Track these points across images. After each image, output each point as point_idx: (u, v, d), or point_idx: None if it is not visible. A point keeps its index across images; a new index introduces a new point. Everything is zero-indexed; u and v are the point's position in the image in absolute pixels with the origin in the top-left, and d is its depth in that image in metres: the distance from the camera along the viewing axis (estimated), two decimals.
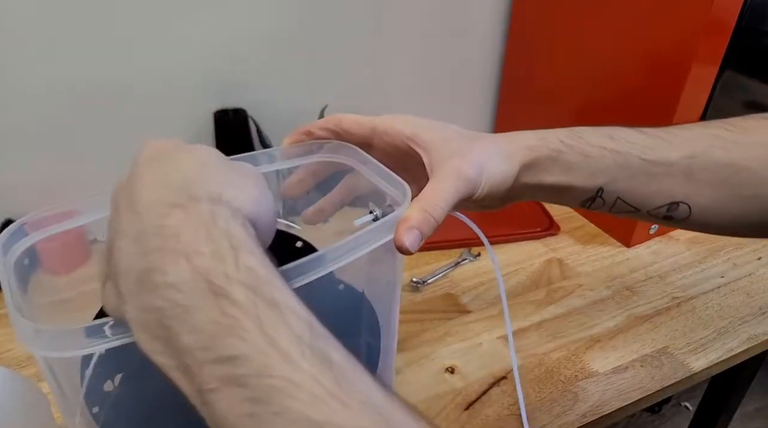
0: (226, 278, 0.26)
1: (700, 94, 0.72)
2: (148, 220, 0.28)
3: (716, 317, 0.70)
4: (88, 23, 0.73)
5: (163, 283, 0.26)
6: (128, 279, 0.27)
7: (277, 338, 0.25)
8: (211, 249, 0.26)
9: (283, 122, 0.88)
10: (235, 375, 0.24)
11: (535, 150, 0.44)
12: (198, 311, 0.25)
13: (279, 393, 0.24)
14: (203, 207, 0.28)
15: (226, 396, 0.24)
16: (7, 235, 0.36)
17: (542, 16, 0.91)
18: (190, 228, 0.27)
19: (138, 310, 0.27)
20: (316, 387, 0.24)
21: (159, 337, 0.26)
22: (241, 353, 0.24)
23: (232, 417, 0.24)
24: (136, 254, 0.27)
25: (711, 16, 0.66)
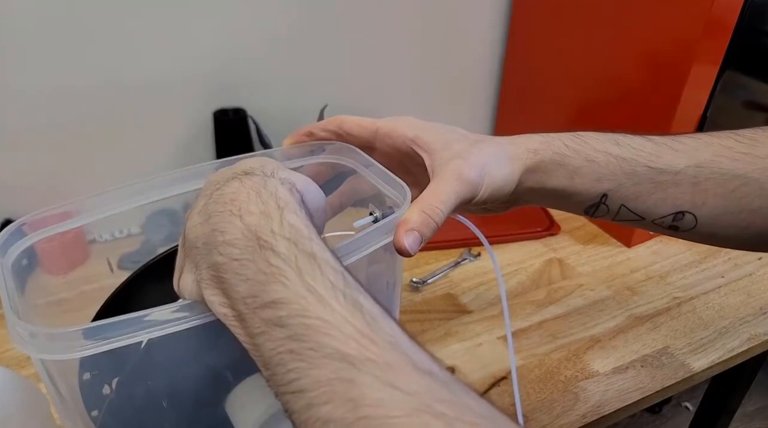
0: (271, 233, 0.29)
1: (700, 94, 0.72)
2: (209, 194, 0.33)
3: (717, 317, 0.70)
4: (87, 24, 0.73)
5: (222, 242, 0.30)
6: (198, 246, 0.32)
7: (314, 284, 0.28)
8: (260, 209, 0.31)
9: (282, 122, 0.88)
10: (277, 316, 0.27)
11: (539, 153, 0.43)
12: (249, 263, 0.29)
13: (314, 331, 0.26)
14: (256, 177, 0.33)
15: (271, 337, 0.27)
16: (5, 236, 0.36)
17: (542, 17, 0.91)
18: (243, 193, 0.32)
19: (206, 269, 0.31)
20: (348, 326, 0.26)
21: (220, 290, 0.30)
22: (283, 297, 0.27)
23: (276, 354, 0.27)
24: (202, 223, 0.32)
25: (711, 16, 0.66)
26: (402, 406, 0.24)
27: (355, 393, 0.24)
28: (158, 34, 0.77)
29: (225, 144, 0.85)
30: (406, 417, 0.23)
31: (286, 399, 0.27)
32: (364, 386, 0.24)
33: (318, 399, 0.25)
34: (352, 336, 0.26)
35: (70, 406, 0.36)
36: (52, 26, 0.71)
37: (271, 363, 0.27)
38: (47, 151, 0.78)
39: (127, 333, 0.31)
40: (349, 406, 0.24)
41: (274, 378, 0.27)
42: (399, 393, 0.24)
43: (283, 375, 0.26)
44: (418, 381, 0.25)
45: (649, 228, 0.46)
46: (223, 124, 0.84)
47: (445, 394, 0.25)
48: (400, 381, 0.25)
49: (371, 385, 0.24)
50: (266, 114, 0.86)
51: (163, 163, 0.85)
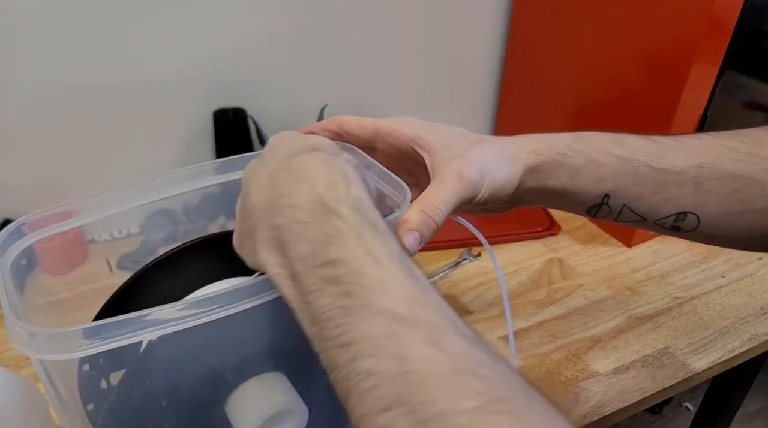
0: (336, 201, 0.31)
1: (700, 94, 0.72)
2: (278, 163, 0.34)
3: (717, 317, 0.70)
4: (87, 24, 0.73)
5: (287, 205, 0.32)
6: (261, 208, 0.33)
7: (373, 248, 0.29)
8: (327, 179, 0.32)
9: (282, 122, 0.88)
10: (334, 274, 0.29)
11: (541, 153, 0.43)
12: (312, 225, 0.31)
13: (369, 289, 0.28)
14: (324, 154, 0.35)
15: (325, 293, 0.29)
16: (4, 236, 0.36)
17: (542, 17, 0.91)
18: (312, 164, 0.34)
19: (265, 230, 0.32)
20: (401, 289, 0.28)
21: (278, 250, 0.32)
22: (342, 257, 0.29)
23: (327, 310, 0.28)
24: (268, 187, 0.33)
25: (711, 16, 0.66)
26: (445, 364, 0.25)
27: (401, 349, 0.25)
28: (158, 34, 0.77)
29: (225, 144, 0.85)
30: (449, 374, 0.24)
31: (331, 354, 0.27)
32: (410, 343, 0.26)
33: (364, 351, 0.26)
34: (404, 298, 0.27)
35: (69, 406, 0.36)
36: (52, 26, 0.71)
37: (321, 318, 0.28)
38: (47, 151, 0.78)
39: (127, 333, 0.31)
40: (394, 360, 0.25)
41: (321, 333, 0.28)
42: (443, 353, 0.25)
43: (332, 330, 0.28)
44: (461, 344, 0.26)
45: (651, 229, 0.46)
46: (223, 124, 0.84)
47: (484, 358, 0.26)
48: (445, 342, 0.26)
49: (418, 343, 0.26)
50: (266, 114, 0.86)
51: (163, 163, 0.85)
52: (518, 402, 0.24)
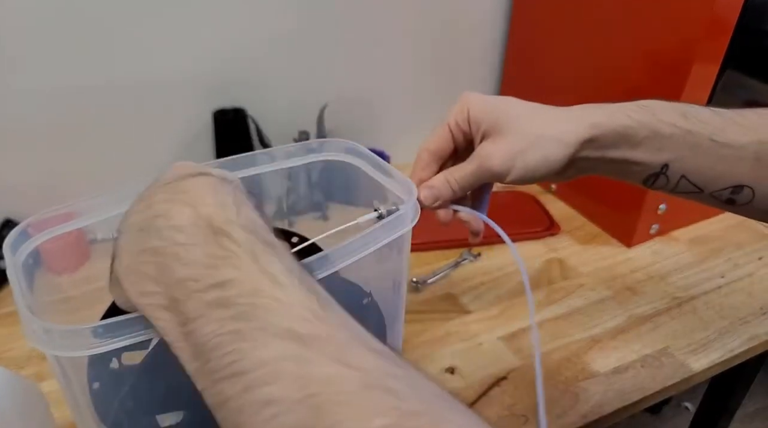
0: (227, 221, 0.28)
1: (700, 94, 0.72)
2: (160, 187, 0.31)
3: (717, 317, 0.70)
4: (88, 24, 0.73)
5: (165, 226, 0.28)
6: (129, 232, 0.30)
7: (269, 268, 0.27)
8: (216, 201, 0.29)
9: (282, 122, 0.88)
10: (223, 297, 0.26)
11: (601, 126, 0.44)
12: (196, 247, 0.27)
13: (265, 310, 0.25)
14: (213, 178, 0.32)
15: (210, 319, 0.25)
16: (14, 236, 0.37)
17: (542, 16, 0.91)
18: (198, 186, 0.30)
19: (133, 254, 0.29)
20: (302, 308, 0.25)
21: (150, 276, 0.28)
22: (233, 278, 0.26)
23: (213, 338, 0.25)
24: (142, 210, 0.30)
25: (712, 16, 0.66)
26: (353, 382, 0.23)
27: (303, 371, 0.23)
28: (158, 34, 0.77)
29: (225, 144, 0.85)
30: (357, 393, 0.23)
31: (220, 388, 0.25)
32: (313, 363, 0.23)
33: (261, 379, 0.23)
34: (305, 316, 0.25)
35: (81, 403, 0.36)
36: (52, 26, 0.71)
37: (205, 348, 0.25)
38: (47, 151, 0.78)
39: (137, 331, 0.31)
40: (296, 384, 0.23)
41: (206, 366, 0.25)
42: (350, 370, 0.23)
43: (219, 360, 0.25)
44: (370, 358, 0.24)
45: (705, 201, 0.46)
46: (223, 124, 0.84)
47: (396, 371, 0.24)
48: (351, 358, 0.24)
49: (321, 362, 0.24)
50: (266, 114, 0.86)
51: (163, 163, 0.84)
52: (434, 413, 0.23)
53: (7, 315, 0.68)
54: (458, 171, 0.47)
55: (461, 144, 0.49)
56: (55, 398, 0.55)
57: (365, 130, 0.96)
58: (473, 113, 0.47)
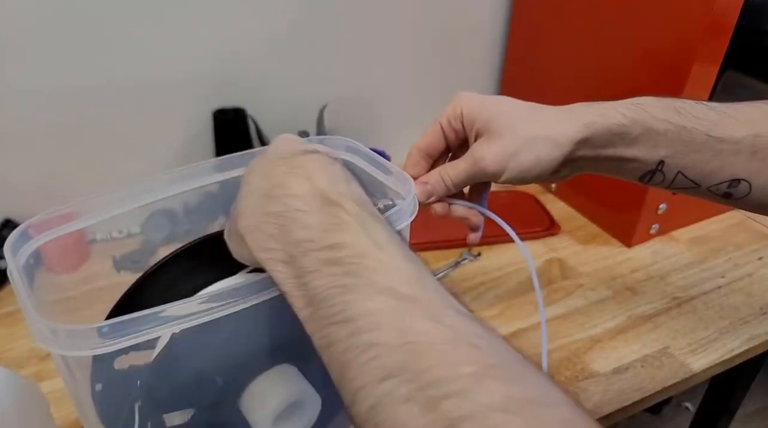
0: (339, 194, 0.32)
1: (700, 94, 0.72)
2: (277, 161, 0.34)
3: (717, 317, 0.70)
4: (88, 24, 0.73)
5: (285, 194, 0.32)
6: (252, 198, 0.34)
7: (376, 236, 0.30)
8: (329, 177, 0.33)
9: (282, 122, 0.88)
10: (335, 257, 0.29)
11: (594, 126, 0.44)
12: (312, 213, 0.31)
13: (372, 270, 0.29)
14: (323, 156, 0.35)
15: (324, 274, 0.29)
16: (14, 238, 0.37)
17: (542, 16, 0.91)
18: (313, 163, 0.34)
19: (256, 216, 0.33)
20: (403, 271, 0.29)
21: (271, 235, 0.32)
22: (345, 241, 0.30)
23: (326, 289, 0.29)
24: (263, 179, 0.34)
25: (712, 16, 0.66)
26: (444, 336, 0.26)
27: (402, 323, 0.26)
28: (158, 34, 0.77)
29: (225, 144, 0.85)
30: (448, 344, 0.26)
31: (328, 332, 0.28)
32: (411, 318, 0.27)
33: (365, 326, 0.27)
34: (405, 279, 0.28)
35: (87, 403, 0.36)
36: (52, 26, 0.71)
37: (318, 297, 0.29)
38: (47, 151, 0.78)
39: (145, 330, 0.32)
40: (395, 333, 0.26)
41: (317, 313, 0.29)
42: (442, 327, 0.26)
43: (331, 308, 0.28)
44: (458, 318, 0.27)
45: (702, 196, 0.47)
46: (223, 123, 0.84)
47: (480, 331, 0.27)
48: (444, 317, 0.27)
49: (418, 318, 0.27)
50: (266, 114, 0.86)
51: (163, 162, 0.85)
52: (511, 368, 0.25)
53: (7, 315, 0.68)
54: (452, 168, 0.47)
55: (454, 142, 0.50)
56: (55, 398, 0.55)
57: (365, 130, 0.96)
58: (466, 112, 0.47)
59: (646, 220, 0.81)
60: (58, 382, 0.58)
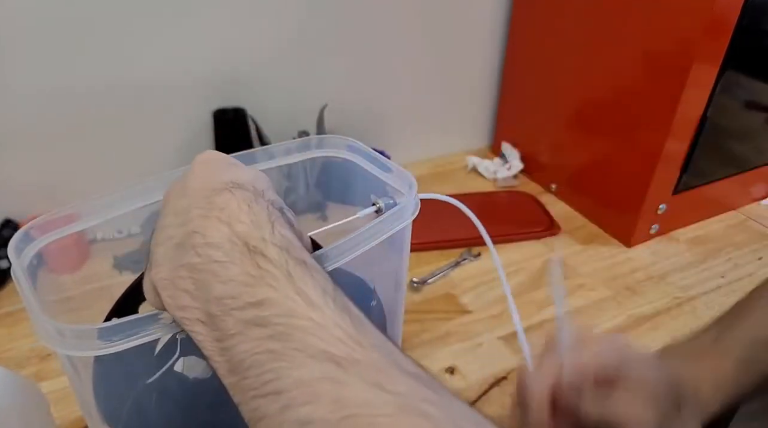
0: (262, 240, 0.29)
1: (700, 94, 0.72)
2: (195, 200, 0.31)
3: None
4: (88, 24, 0.73)
5: (202, 244, 0.29)
6: (167, 246, 0.30)
7: (304, 288, 0.27)
8: (251, 220, 0.30)
9: (282, 122, 0.88)
10: (260, 317, 0.26)
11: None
12: (233, 265, 0.28)
13: (302, 331, 0.26)
14: (248, 192, 0.32)
15: (248, 337, 0.26)
16: (18, 238, 0.37)
17: (542, 16, 0.91)
18: (234, 203, 0.31)
19: (170, 269, 0.29)
20: (337, 329, 0.26)
21: (187, 291, 0.29)
22: (270, 297, 0.27)
23: (251, 356, 0.26)
24: (179, 225, 0.30)
25: (712, 16, 0.66)
26: (389, 406, 0.23)
27: (340, 394, 0.24)
28: (158, 35, 0.77)
29: (225, 144, 0.85)
30: (393, 417, 0.23)
31: (257, 404, 0.25)
32: (350, 386, 0.24)
33: (298, 399, 0.24)
34: (341, 338, 0.26)
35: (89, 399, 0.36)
36: (52, 26, 0.71)
37: (242, 366, 0.26)
38: (47, 151, 0.78)
39: (147, 331, 0.32)
40: (333, 406, 0.23)
41: (243, 382, 0.26)
42: (386, 394, 0.24)
43: (257, 378, 0.25)
44: (405, 382, 0.25)
45: None
46: (223, 123, 0.84)
47: (431, 395, 0.24)
48: (387, 382, 0.24)
49: (358, 386, 0.24)
50: (266, 114, 0.86)
51: (163, 163, 0.85)
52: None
53: (7, 315, 0.68)
54: None
55: None
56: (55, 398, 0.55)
57: (366, 130, 0.96)
58: None
59: (646, 220, 0.81)
60: (58, 382, 0.59)
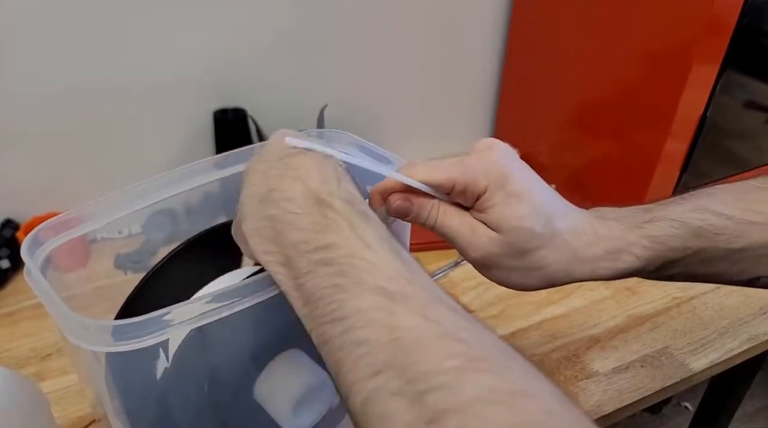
0: (330, 194, 0.33)
1: (700, 94, 0.72)
2: (272, 163, 0.36)
3: (716, 317, 0.70)
4: (87, 25, 0.73)
5: (279, 198, 0.33)
6: (251, 202, 0.35)
7: (363, 234, 0.31)
8: (320, 177, 0.34)
9: (282, 122, 0.87)
10: (327, 257, 0.30)
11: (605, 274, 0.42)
12: (306, 216, 0.32)
13: (361, 269, 0.30)
14: (317, 154, 0.36)
15: (317, 275, 0.30)
16: (29, 242, 0.38)
17: (542, 16, 0.91)
18: (306, 163, 0.35)
19: (256, 220, 0.34)
20: (391, 269, 0.30)
21: (270, 238, 0.33)
22: (335, 242, 0.31)
23: (320, 289, 0.30)
24: (260, 182, 0.35)
25: (711, 16, 0.66)
26: (430, 331, 0.27)
27: (390, 320, 0.27)
28: (158, 35, 0.77)
29: (225, 144, 0.85)
30: (434, 339, 0.27)
31: (323, 330, 0.29)
32: (399, 315, 0.28)
33: (356, 324, 0.28)
34: (392, 276, 0.29)
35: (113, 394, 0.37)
36: (52, 27, 0.71)
37: (313, 297, 0.30)
38: (48, 152, 0.78)
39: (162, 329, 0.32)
40: (384, 330, 0.27)
41: (314, 312, 0.30)
42: (429, 322, 0.27)
43: (325, 307, 0.29)
44: (445, 313, 0.28)
45: None
46: (223, 123, 0.84)
47: (467, 325, 0.28)
48: (431, 313, 0.28)
49: (405, 314, 0.28)
50: (266, 114, 0.86)
51: (163, 163, 0.85)
52: (497, 361, 0.26)
53: (7, 315, 0.68)
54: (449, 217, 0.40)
55: None
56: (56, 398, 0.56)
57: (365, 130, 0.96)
58: None
59: None
60: (58, 382, 0.59)
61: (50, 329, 0.65)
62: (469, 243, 0.39)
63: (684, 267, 0.42)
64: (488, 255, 0.38)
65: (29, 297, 0.66)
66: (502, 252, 0.38)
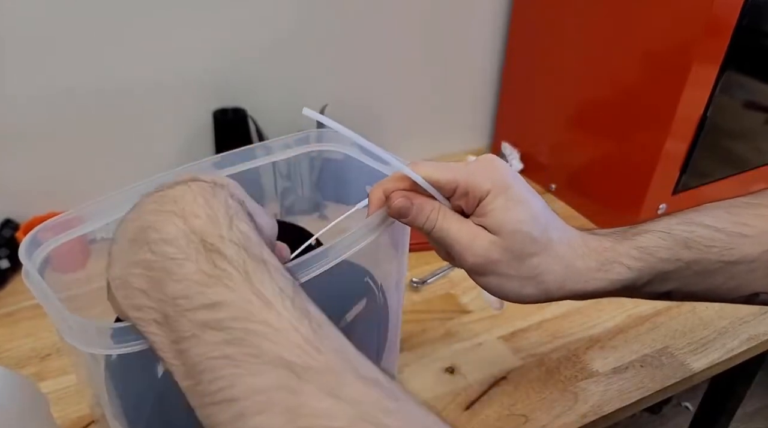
0: (219, 237, 0.27)
1: (700, 94, 0.72)
2: (149, 195, 0.30)
3: (716, 317, 0.70)
4: (87, 25, 0.73)
5: (155, 239, 0.27)
6: (121, 242, 0.29)
7: (261, 289, 0.26)
8: (207, 214, 0.28)
9: (282, 122, 0.88)
10: (215, 319, 0.25)
11: (599, 288, 0.41)
12: (188, 262, 0.26)
13: (257, 335, 0.24)
14: (205, 184, 0.30)
15: (203, 340, 0.25)
16: (27, 243, 0.38)
17: (542, 16, 0.91)
18: (189, 196, 0.29)
19: (124, 267, 0.28)
20: (294, 333, 0.25)
21: (141, 290, 0.27)
22: (225, 299, 0.25)
23: (204, 360, 0.25)
24: (133, 220, 0.29)
25: (711, 16, 0.66)
26: (344, 416, 0.23)
27: (294, 403, 0.23)
28: (158, 35, 0.77)
29: (225, 144, 0.85)
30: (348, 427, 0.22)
31: (210, 412, 0.24)
32: (304, 395, 0.23)
33: (251, 408, 0.23)
34: (297, 343, 0.24)
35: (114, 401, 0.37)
36: (52, 27, 0.71)
37: (196, 370, 0.25)
38: (47, 151, 0.78)
39: None
40: (286, 416, 0.23)
41: (197, 387, 0.25)
42: (342, 403, 0.23)
43: (210, 384, 0.24)
44: (363, 390, 0.24)
45: None
46: (223, 123, 0.84)
47: (390, 404, 0.24)
48: (344, 390, 0.23)
49: (312, 394, 0.23)
50: (266, 114, 0.86)
51: (163, 163, 0.85)
52: None
53: (7, 315, 0.68)
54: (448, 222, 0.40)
55: None
56: (55, 398, 0.56)
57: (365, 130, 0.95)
58: None
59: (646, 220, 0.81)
60: (58, 382, 0.59)
61: (50, 329, 0.65)
62: (468, 248, 0.38)
63: (679, 282, 0.42)
64: (486, 260, 0.38)
65: (29, 297, 0.66)
66: (500, 258, 0.38)
